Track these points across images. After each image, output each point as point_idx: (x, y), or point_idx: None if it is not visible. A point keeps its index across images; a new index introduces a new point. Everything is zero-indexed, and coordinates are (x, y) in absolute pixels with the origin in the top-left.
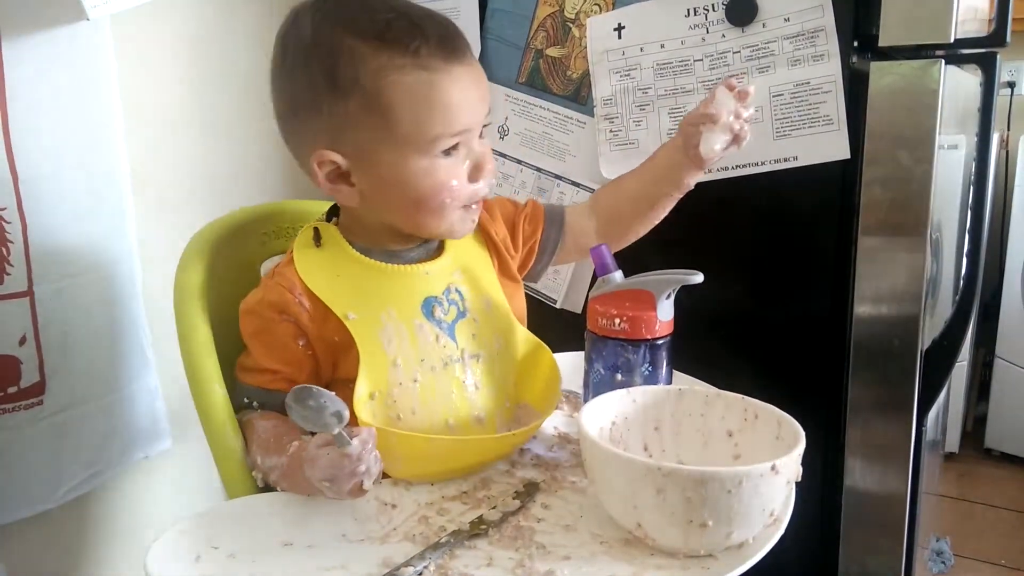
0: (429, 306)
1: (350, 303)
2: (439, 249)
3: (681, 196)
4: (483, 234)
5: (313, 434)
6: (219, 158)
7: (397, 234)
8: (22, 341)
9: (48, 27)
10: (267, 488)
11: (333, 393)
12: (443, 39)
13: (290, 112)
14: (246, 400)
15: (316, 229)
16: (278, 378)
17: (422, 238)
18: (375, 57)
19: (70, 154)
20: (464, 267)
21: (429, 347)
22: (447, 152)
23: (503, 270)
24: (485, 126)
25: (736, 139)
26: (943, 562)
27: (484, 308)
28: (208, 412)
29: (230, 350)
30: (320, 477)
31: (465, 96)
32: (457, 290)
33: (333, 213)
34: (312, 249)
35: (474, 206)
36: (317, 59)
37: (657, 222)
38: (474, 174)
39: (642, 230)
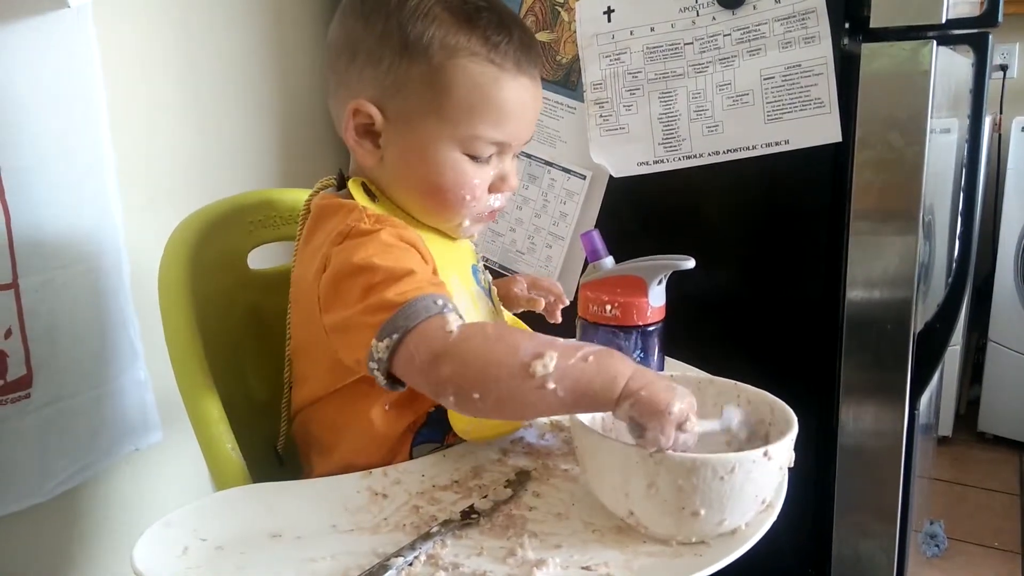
0: (476, 273)
1: None
2: None
3: None
4: None
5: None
6: (207, 146)
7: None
8: (7, 334)
9: (28, 15)
10: (257, 480)
11: None
12: (524, 46)
13: (347, 52)
14: (405, 322)
15: (363, 183)
16: (427, 281)
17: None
18: (456, 35)
19: (54, 144)
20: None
21: (487, 315)
22: (481, 157)
23: None
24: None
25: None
26: (937, 545)
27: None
28: (194, 403)
29: (216, 340)
30: (676, 408)
31: (522, 109)
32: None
33: (342, 184)
34: (370, 203)
35: (486, 215)
36: (399, 13)
37: None
38: (497, 184)
39: None
